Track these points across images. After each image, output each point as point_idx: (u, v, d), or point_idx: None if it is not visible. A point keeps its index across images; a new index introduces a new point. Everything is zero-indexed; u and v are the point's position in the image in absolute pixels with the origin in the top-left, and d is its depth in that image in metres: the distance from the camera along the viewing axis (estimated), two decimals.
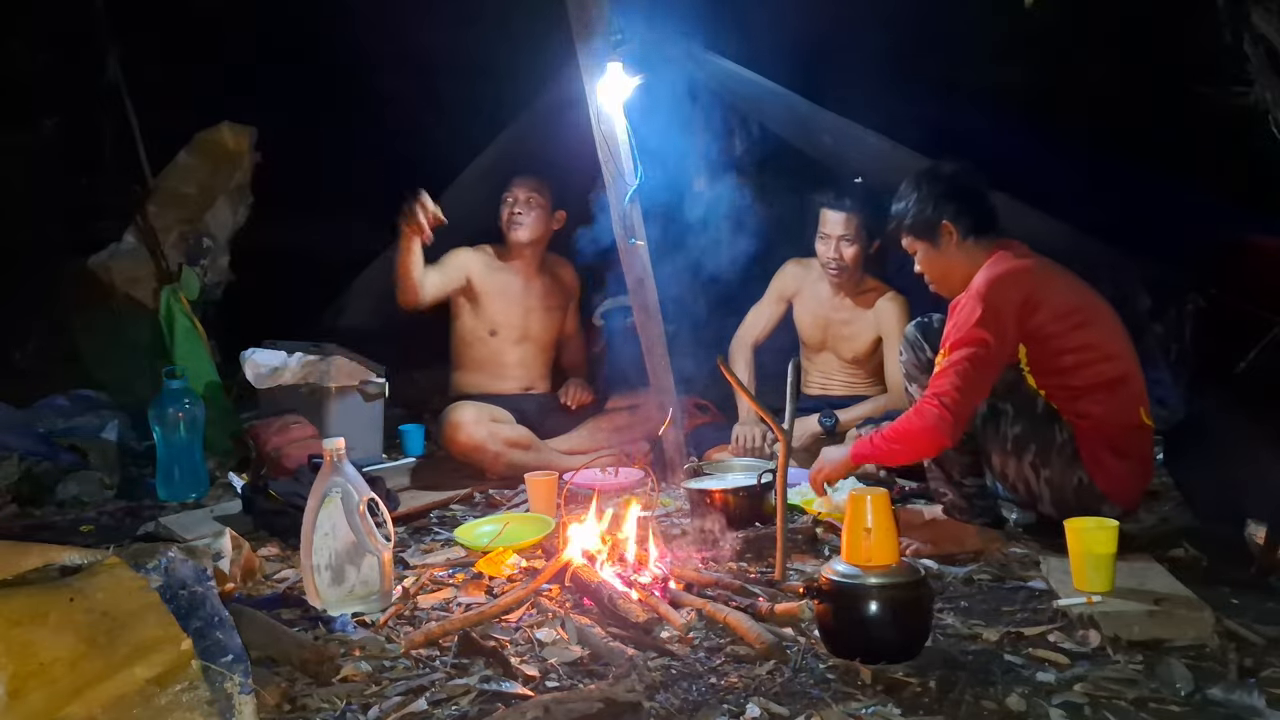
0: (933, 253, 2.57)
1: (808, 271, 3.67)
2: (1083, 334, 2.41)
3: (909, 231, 2.59)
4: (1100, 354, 2.41)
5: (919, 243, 2.59)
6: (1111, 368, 2.42)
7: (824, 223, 3.46)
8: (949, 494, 2.54)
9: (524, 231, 3.69)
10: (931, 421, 2.31)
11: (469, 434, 3.41)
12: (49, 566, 1.49)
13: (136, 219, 4.14)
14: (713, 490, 2.77)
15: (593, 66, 3.00)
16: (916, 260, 2.63)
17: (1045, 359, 2.41)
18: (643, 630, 2.01)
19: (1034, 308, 2.38)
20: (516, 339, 3.79)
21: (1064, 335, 2.40)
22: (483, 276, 3.72)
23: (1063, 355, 2.40)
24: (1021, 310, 2.37)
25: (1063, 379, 2.41)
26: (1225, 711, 1.65)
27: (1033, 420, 2.44)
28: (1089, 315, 2.44)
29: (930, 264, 2.60)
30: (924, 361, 2.52)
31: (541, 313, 3.82)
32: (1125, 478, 2.42)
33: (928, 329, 2.54)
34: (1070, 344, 2.40)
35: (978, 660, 1.86)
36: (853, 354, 3.61)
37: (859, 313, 3.57)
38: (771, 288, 3.75)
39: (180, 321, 4.01)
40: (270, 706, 1.70)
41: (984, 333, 2.32)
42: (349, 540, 2.21)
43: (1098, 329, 2.44)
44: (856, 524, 1.90)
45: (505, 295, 3.75)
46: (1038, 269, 2.46)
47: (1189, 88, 3.00)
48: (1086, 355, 2.40)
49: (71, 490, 3.38)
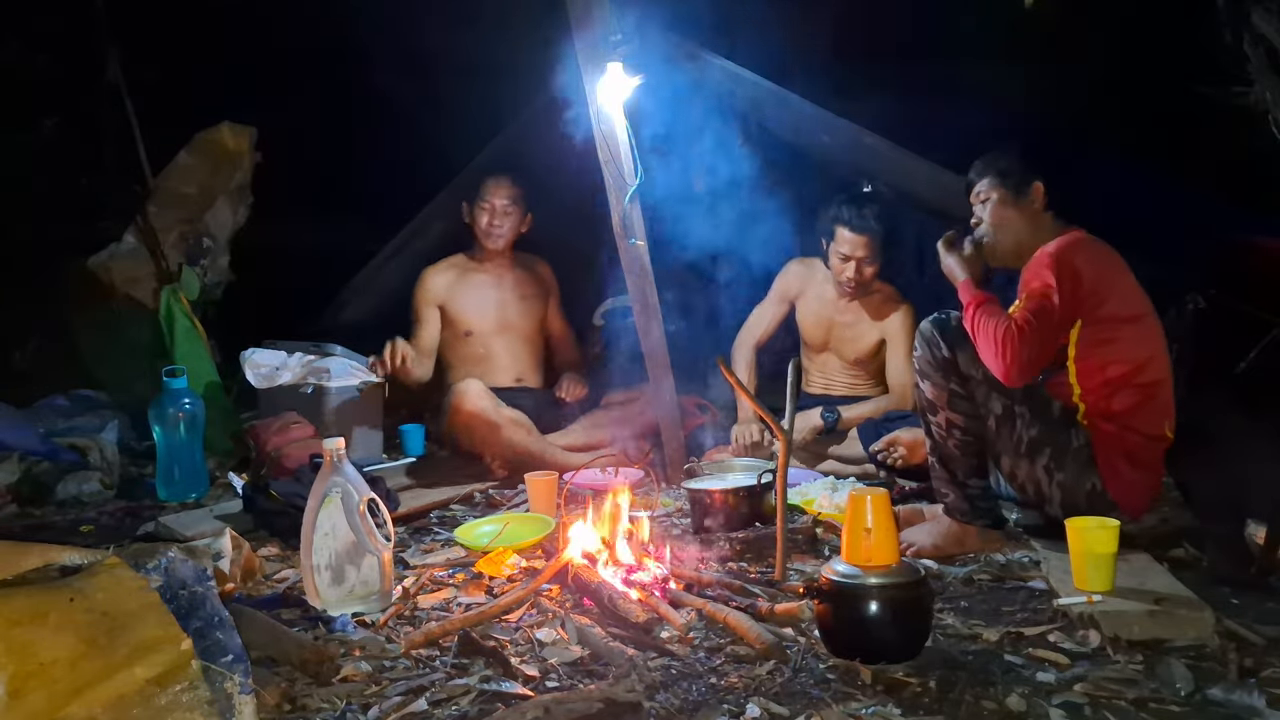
0: (1009, 208, 2.56)
1: (811, 272, 3.66)
2: (1135, 329, 2.43)
3: (998, 178, 2.58)
4: (1145, 354, 2.42)
5: (1001, 191, 2.57)
6: (1150, 372, 2.42)
7: (841, 242, 3.42)
8: (951, 495, 2.54)
9: (501, 241, 3.84)
10: (1003, 333, 2.33)
11: (473, 402, 3.44)
12: (49, 566, 1.49)
13: (136, 219, 4.15)
14: (713, 490, 2.77)
15: (593, 66, 3.00)
16: (985, 211, 2.60)
17: (1095, 344, 2.41)
18: (643, 630, 2.01)
19: (1106, 284, 2.40)
20: (496, 330, 3.89)
21: (1119, 325, 2.41)
22: (452, 295, 3.87)
23: (1113, 344, 2.40)
24: (1095, 281, 2.38)
25: (1104, 370, 2.41)
26: (1225, 711, 1.65)
27: (1049, 423, 2.44)
28: (1144, 313, 2.46)
29: (1000, 216, 2.57)
30: (938, 359, 2.49)
31: (517, 302, 3.92)
32: (1138, 487, 2.42)
33: (945, 325, 2.51)
34: (1122, 334, 2.41)
35: (978, 660, 1.86)
36: (855, 355, 3.61)
37: (863, 315, 3.57)
38: (774, 288, 3.75)
39: (180, 321, 4.01)
40: (270, 706, 1.70)
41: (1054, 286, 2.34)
42: (349, 540, 2.21)
43: (1147, 329, 2.46)
44: (856, 524, 1.90)
45: (476, 296, 3.88)
46: (1115, 254, 2.49)
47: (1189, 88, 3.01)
48: (1133, 350, 2.41)
49: (71, 490, 3.38)
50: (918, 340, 2.56)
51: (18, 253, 4.32)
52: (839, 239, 3.43)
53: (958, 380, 2.48)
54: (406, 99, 4.66)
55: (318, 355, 3.80)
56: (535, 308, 3.99)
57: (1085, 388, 2.44)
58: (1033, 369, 2.38)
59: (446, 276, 3.88)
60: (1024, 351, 2.32)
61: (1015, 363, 2.33)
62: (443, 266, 3.91)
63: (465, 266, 3.92)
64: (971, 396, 2.47)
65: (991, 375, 2.41)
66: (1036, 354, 2.35)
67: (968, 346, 2.45)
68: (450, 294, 3.86)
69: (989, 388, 2.45)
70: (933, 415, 2.53)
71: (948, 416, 2.49)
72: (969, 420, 2.48)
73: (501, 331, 3.90)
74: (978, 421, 2.48)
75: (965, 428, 2.48)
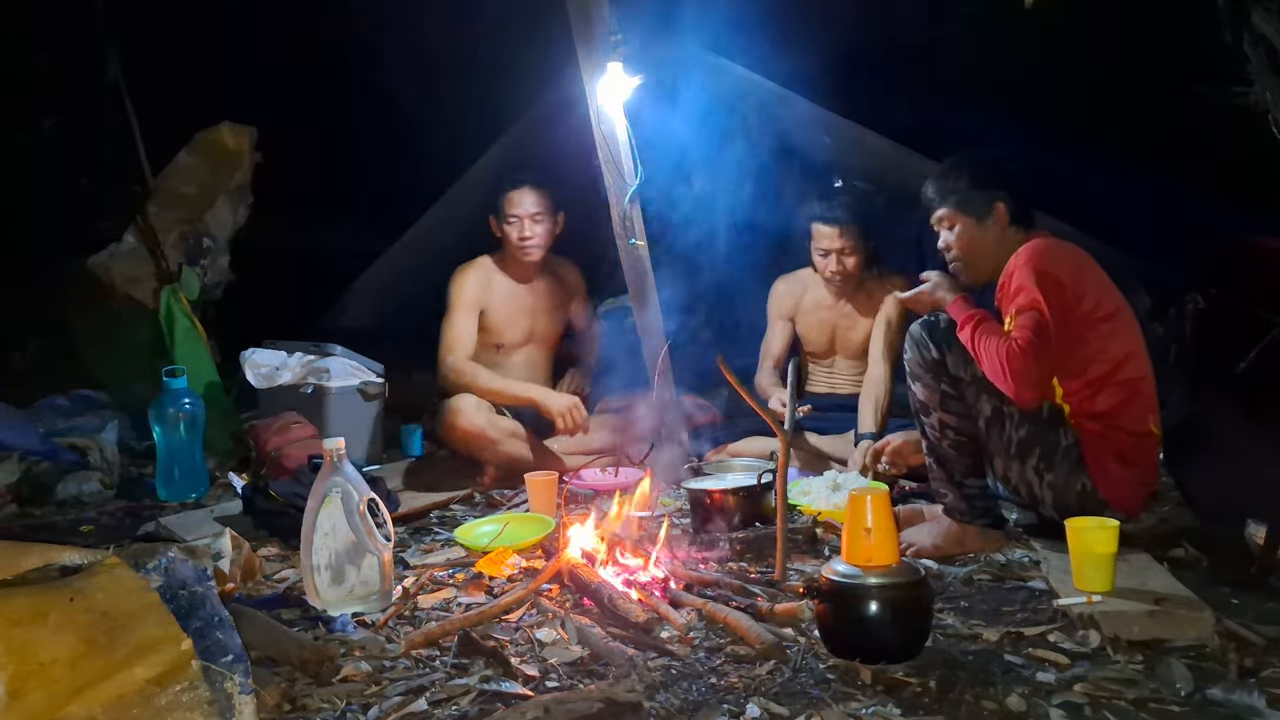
0: (975, 231, 2.55)
1: (800, 284, 3.67)
2: (1110, 326, 2.42)
3: (959, 206, 2.56)
4: (1123, 350, 2.42)
5: (964, 219, 2.56)
6: (1130, 368, 2.42)
7: (819, 238, 3.45)
8: (950, 495, 2.54)
9: (538, 252, 3.60)
10: (1005, 355, 2.32)
11: (469, 420, 3.37)
12: (49, 566, 1.49)
13: (136, 219, 4.15)
14: (713, 490, 2.77)
15: (593, 66, 3.00)
16: (951, 237, 2.59)
17: (1074, 342, 2.40)
18: (643, 630, 2.01)
19: (1083, 284, 2.40)
20: (521, 343, 3.76)
21: (1095, 324, 2.40)
22: (490, 299, 3.64)
23: (1090, 343, 2.40)
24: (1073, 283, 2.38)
25: (1084, 368, 2.41)
26: (1225, 712, 1.65)
27: (1037, 424, 2.44)
28: (1118, 309, 2.45)
29: (968, 242, 2.57)
30: (928, 360, 2.50)
31: (545, 314, 3.77)
32: (1129, 485, 2.42)
33: (933, 327, 2.52)
34: (1099, 333, 2.40)
35: (978, 660, 1.86)
36: (863, 347, 3.61)
37: (860, 309, 3.58)
38: (770, 312, 3.75)
39: (180, 321, 4.01)
40: (270, 706, 1.70)
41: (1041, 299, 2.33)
42: (349, 540, 2.21)
43: (1124, 325, 2.45)
44: (856, 524, 1.90)
45: (510, 307, 3.68)
46: (1082, 252, 2.49)
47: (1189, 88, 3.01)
48: (1110, 348, 2.41)
49: (71, 490, 3.39)
50: (908, 343, 2.57)
51: (18, 253, 4.32)
52: (816, 235, 3.46)
53: (948, 381, 2.48)
54: (407, 99, 4.66)
55: (318, 355, 3.80)
56: (560, 319, 3.83)
57: (1068, 389, 2.44)
58: (1041, 387, 2.38)
59: (480, 280, 3.62)
60: (1030, 371, 2.32)
61: (1024, 382, 2.33)
62: (483, 266, 3.65)
63: (494, 272, 3.67)
64: (962, 397, 2.48)
65: (980, 376, 2.41)
66: (1042, 371, 2.36)
67: (956, 347, 2.46)
68: (486, 301, 3.62)
69: (978, 388, 2.45)
70: (926, 417, 2.54)
71: (941, 417, 2.50)
72: (962, 420, 2.49)
73: (526, 343, 3.76)
74: (970, 421, 2.48)
75: (958, 428, 2.49)
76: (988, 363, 2.37)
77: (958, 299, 2.51)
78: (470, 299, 3.58)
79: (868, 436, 3.33)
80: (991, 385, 2.40)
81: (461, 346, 3.53)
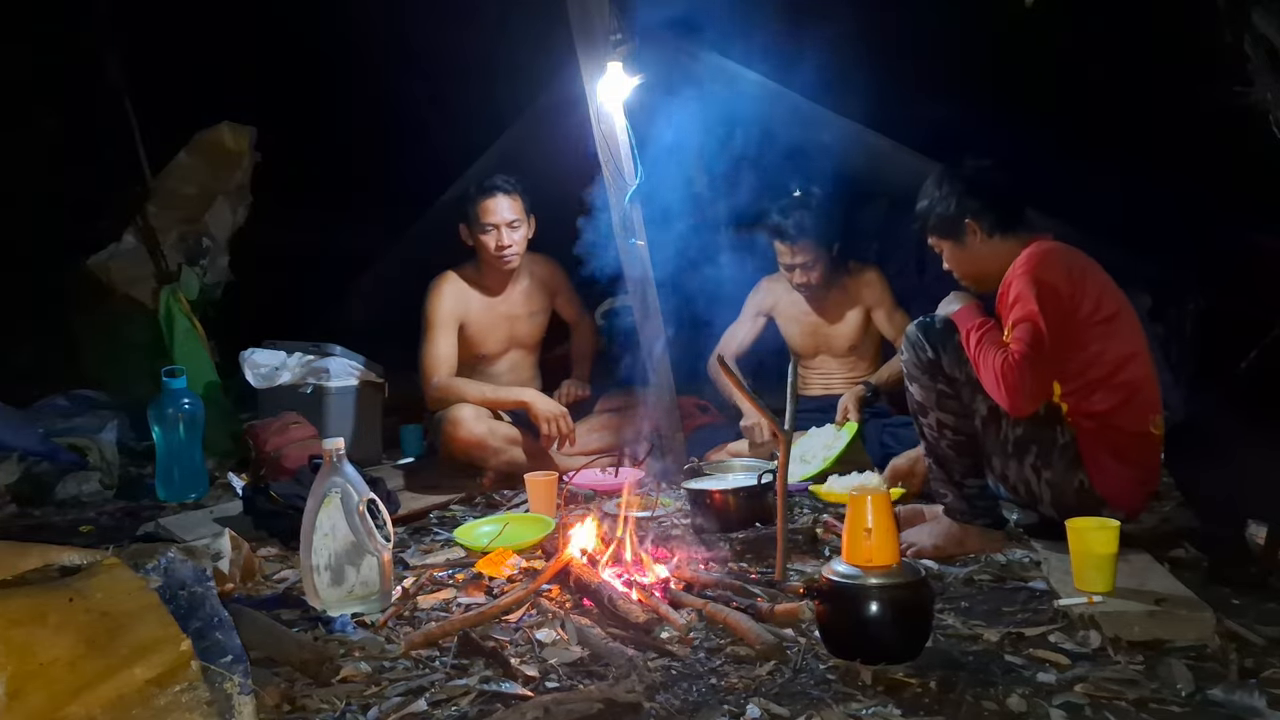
0: (959, 251, 2.57)
1: (780, 286, 3.70)
2: (1112, 327, 2.41)
3: (933, 232, 2.60)
4: (1124, 352, 2.42)
5: (944, 241, 2.59)
6: (1130, 370, 2.42)
7: (781, 253, 3.51)
8: (949, 495, 2.54)
9: (516, 260, 3.56)
10: (1001, 367, 2.32)
11: (469, 430, 3.37)
12: (49, 567, 1.49)
13: (136, 219, 4.15)
14: (713, 490, 2.77)
15: (593, 66, 3.00)
16: (944, 258, 2.62)
17: (1072, 346, 2.40)
18: (643, 630, 2.01)
19: (1081, 289, 2.39)
20: (503, 351, 3.74)
21: (1095, 327, 2.40)
22: (468, 315, 3.61)
23: (1089, 346, 2.40)
24: (1070, 290, 2.37)
25: (1084, 370, 2.40)
26: (1226, 712, 1.65)
27: (1034, 422, 2.43)
28: (1120, 311, 2.45)
29: (958, 262, 2.59)
30: (924, 361, 2.50)
31: (525, 319, 3.75)
32: (1127, 483, 2.41)
33: (929, 328, 2.52)
34: (1099, 335, 2.40)
35: (978, 661, 1.86)
36: (849, 343, 3.63)
37: (840, 304, 3.61)
38: (748, 305, 3.77)
39: (180, 321, 4.01)
40: (270, 707, 1.70)
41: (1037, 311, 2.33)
42: (349, 541, 2.21)
43: (1125, 326, 2.45)
44: (856, 524, 1.90)
45: (489, 317, 3.66)
46: (1081, 255, 2.48)
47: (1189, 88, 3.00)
48: (1111, 348, 2.40)
49: (71, 490, 3.39)
50: (904, 344, 2.58)
51: (17, 253, 4.32)
52: (778, 251, 3.51)
53: (944, 381, 2.48)
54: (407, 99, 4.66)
55: (317, 355, 3.80)
56: (541, 320, 3.80)
57: (1066, 389, 2.43)
58: (1038, 399, 2.38)
59: (455, 294, 3.59)
60: (1025, 384, 2.32)
61: (1019, 395, 2.32)
62: (455, 280, 3.60)
63: (467, 285, 3.62)
64: (958, 396, 2.48)
65: (975, 375, 2.42)
66: (1038, 384, 2.35)
67: (951, 347, 2.46)
68: (466, 313, 3.60)
69: (973, 388, 2.45)
70: (924, 417, 2.54)
71: (938, 417, 2.50)
72: (959, 420, 2.48)
73: (509, 349, 3.75)
74: (968, 421, 2.48)
75: (956, 428, 2.49)
76: (985, 375, 2.38)
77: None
78: (446, 316, 3.55)
79: (864, 383, 3.43)
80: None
81: (445, 367, 3.51)
